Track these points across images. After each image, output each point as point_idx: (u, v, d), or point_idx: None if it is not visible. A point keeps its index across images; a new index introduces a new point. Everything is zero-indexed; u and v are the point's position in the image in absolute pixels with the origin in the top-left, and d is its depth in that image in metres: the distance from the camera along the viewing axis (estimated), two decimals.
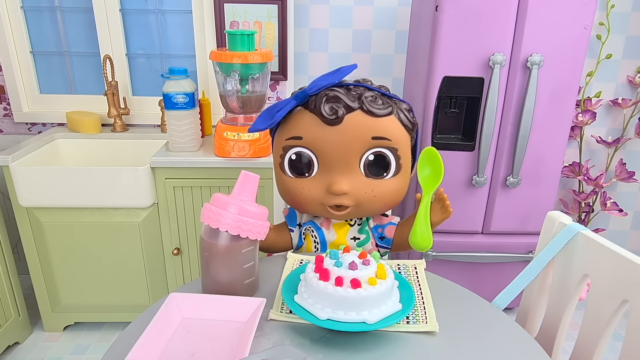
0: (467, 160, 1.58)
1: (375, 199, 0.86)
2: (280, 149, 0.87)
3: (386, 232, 0.95)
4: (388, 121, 0.82)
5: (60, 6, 1.80)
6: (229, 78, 1.42)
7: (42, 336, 1.72)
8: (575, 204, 2.06)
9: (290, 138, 0.85)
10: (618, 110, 1.98)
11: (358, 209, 0.88)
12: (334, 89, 0.82)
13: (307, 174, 0.86)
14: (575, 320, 1.79)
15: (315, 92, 0.82)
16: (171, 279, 1.68)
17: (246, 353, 0.58)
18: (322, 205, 0.87)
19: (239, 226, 0.60)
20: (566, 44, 1.45)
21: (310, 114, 0.82)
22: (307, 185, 0.86)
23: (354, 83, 0.85)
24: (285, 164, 0.87)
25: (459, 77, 1.49)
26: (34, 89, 1.87)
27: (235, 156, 1.50)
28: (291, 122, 0.85)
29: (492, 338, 0.69)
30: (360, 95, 0.81)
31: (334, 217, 0.90)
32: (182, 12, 1.83)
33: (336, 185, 0.83)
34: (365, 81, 0.88)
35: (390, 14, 1.87)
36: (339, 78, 0.83)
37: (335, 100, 0.80)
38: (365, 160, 0.84)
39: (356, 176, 0.85)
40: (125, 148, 1.81)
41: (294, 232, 0.97)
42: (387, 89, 0.87)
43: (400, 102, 0.86)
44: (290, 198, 0.90)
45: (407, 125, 0.85)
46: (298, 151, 0.85)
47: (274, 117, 0.83)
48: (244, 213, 0.62)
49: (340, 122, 0.81)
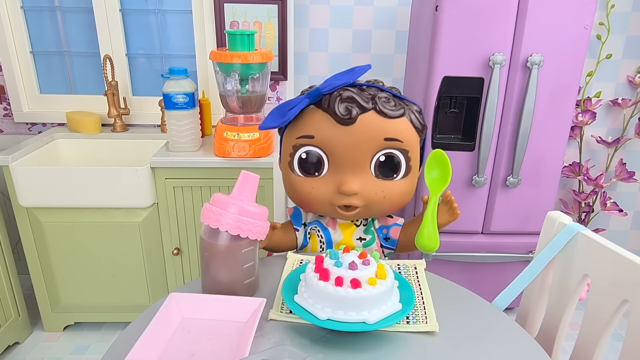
0: (467, 160, 1.58)
1: (385, 200, 0.86)
2: (290, 148, 0.86)
3: (391, 233, 0.95)
4: (400, 123, 0.82)
5: (60, 6, 1.80)
6: (229, 78, 1.42)
7: (42, 336, 1.72)
8: (575, 204, 2.06)
9: (302, 137, 0.84)
10: (618, 110, 1.98)
11: (367, 210, 0.88)
12: (348, 88, 0.81)
13: (317, 173, 0.86)
14: (575, 320, 1.79)
15: (329, 91, 0.82)
16: (171, 279, 1.68)
17: (246, 353, 0.58)
18: (332, 205, 0.87)
19: (239, 226, 0.60)
20: (566, 44, 1.45)
21: (323, 113, 0.82)
22: (317, 185, 0.86)
23: (366, 84, 0.85)
24: (294, 163, 0.87)
25: (459, 77, 1.49)
26: (34, 89, 1.87)
27: (235, 156, 1.50)
28: (303, 121, 0.84)
29: (492, 338, 0.69)
30: (374, 96, 0.81)
31: (343, 217, 0.90)
32: (182, 12, 1.83)
33: (347, 185, 0.83)
34: (377, 82, 0.87)
35: (390, 14, 1.87)
36: (354, 78, 0.83)
37: (349, 100, 0.80)
38: (376, 161, 0.84)
39: (366, 177, 0.85)
40: (125, 148, 1.81)
41: (299, 231, 0.97)
42: (399, 90, 0.87)
43: (411, 104, 0.86)
44: (298, 197, 0.90)
45: (417, 127, 0.85)
46: (309, 150, 0.85)
47: (286, 115, 0.83)
48: (244, 213, 0.62)
49: (354, 123, 0.81)
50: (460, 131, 1.62)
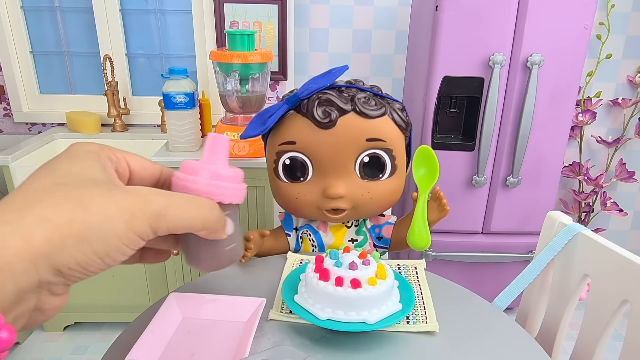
0: (467, 160, 1.58)
1: (372, 201, 0.86)
2: (274, 154, 0.86)
3: (383, 232, 0.95)
4: (382, 122, 0.82)
5: (60, 6, 1.80)
6: (229, 78, 1.42)
7: (42, 336, 1.72)
8: (575, 204, 2.06)
9: (284, 143, 0.84)
10: (618, 110, 1.98)
11: (355, 212, 0.87)
12: (326, 91, 0.81)
13: (302, 178, 0.86)
14: (575, 320, 1.79)
15: (307, 95, 0.81)
16: (171, 279, 1.68)
17: (246, 353, 0.58)
18: (319, 209, 0.86)
19: (210, 191, 0.57)
20: (566, 44, 1.45)
21: (303, 118, 0.82)
22: (303, 190, 0.86)
23: (345, 85, 0.84)
24: (279, 169, 0.87)
25: (459, 77, 1.49)
26: (34, 89, 1.87)
27: (235, 156, 1.50)
28: (284, 127, 0.84)
29: (492, 338, 0.69)
30: (353, 97, 0.81)
31: (331, 220, 0.89)
32: (182, 12, 1.83)
33: (332, 189, 0.83)
34: (357, 82, 0.87)
35: (390, 14, 1.87)
36: (331, 81, 0.82)
37: (327, 104, 0.80)
38: (360, 162, 0.84)
39: (352, 179, 0.84)
40: (125, 148, 1.79)
41: (291, 236, 0.97)
42: (379, 88, 0.86)
43: (393, 101, 0.85)
44: (285, 203, 0.90)
45: (400, 125, 0.84)
46: (292, 156, 0.84)
47: (266, 123, 0.82)
48: (217, 177, 0.59)
49: (334, 126, 0.80)
50: (460, 131, 1.62)
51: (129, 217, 0.33)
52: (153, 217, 0.35)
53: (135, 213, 0.34)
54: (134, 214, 0.34)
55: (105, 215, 0.32)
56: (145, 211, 0.34)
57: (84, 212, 0.31)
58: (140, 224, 0.34)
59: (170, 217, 0.36)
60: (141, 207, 0.34)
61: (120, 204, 0.33)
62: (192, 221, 0.39)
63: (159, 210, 0.35)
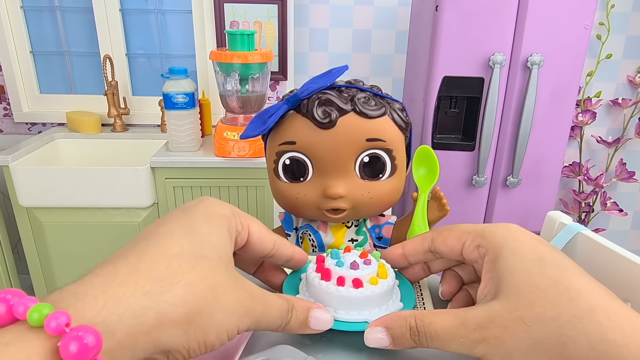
0: (467, 160, 1.58)
1: (372, 201, 0.86)
2: (274, 155, 0.86)
3: (383, 232, 0.95)
4: (382, 122, 0.82)
5: (60, 6, 1.80)
6: (229, 78, 1.42)
7: None
8: (575, 204, 2.06)
9: (284, 143, 0.84)
10: (618, 110, 1.99)
11: (355, 212, 0.88)
12: (326, 91, 0.81)
13: (302, 178, 0.86)
14: None
15: (307, 95, 0.81)
16: None
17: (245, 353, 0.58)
18: (319, 209, 0.86)
19: None
20: (566, 44, 1.45)
21: (303, 118, 0.82)
22: (303, 190, 0.86)
23: (345, 85, 0.84)
24: (279, 170, 0.87)
25: (459, 77, 1.49)
26: (34, 89, 1.87)
27: (235, 156, 1.50)
28: (284, 127, 0.84)
29: None
30: (353, 97, 0.81)
31: (331, 220, 0.90)
32: (182, 12, 1.83)
33: (332, 189, 0.83)
34: (357, 82, 0.87)
35: (390, 14, 1.87)
36: (331, 81, 0.83)
37: (327, 104, 0.80)
38: (360, 162, 0.84)
39: (352, 179, 0.85)
40: (125, 148, 1.81)
41: (291, 236, 0.97)
42: (379, 88, 0.87)
43: (393, 101, 0.86)
44: (285, 203, 0.90)
45: (400, 125, 0.84)
46: (292, 156, 0.85)
47: (266, 123, 0.82)
48: None
49: (334, 126, 0.80)
50: (460, 131, 1.62)
51: (243, 314, 0.35)
52: (255, 320, 0.37)
53: (247, 313, 0.36)
54: (247, 313, 0.35)
55: (230, 312, 0.33)
56: (253, 314, 0.37)
57: (214, 304, 0.31)
58: (246, 323, 0.36)
59: (264, 323, 0.40)
60: (253, 309, 0.37)
61: (241, 302, 0.34)
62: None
63: (259, 318, 0.38)
